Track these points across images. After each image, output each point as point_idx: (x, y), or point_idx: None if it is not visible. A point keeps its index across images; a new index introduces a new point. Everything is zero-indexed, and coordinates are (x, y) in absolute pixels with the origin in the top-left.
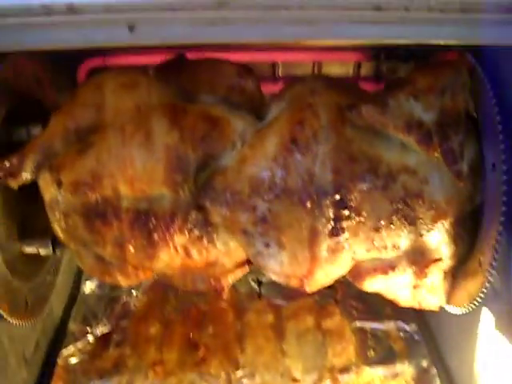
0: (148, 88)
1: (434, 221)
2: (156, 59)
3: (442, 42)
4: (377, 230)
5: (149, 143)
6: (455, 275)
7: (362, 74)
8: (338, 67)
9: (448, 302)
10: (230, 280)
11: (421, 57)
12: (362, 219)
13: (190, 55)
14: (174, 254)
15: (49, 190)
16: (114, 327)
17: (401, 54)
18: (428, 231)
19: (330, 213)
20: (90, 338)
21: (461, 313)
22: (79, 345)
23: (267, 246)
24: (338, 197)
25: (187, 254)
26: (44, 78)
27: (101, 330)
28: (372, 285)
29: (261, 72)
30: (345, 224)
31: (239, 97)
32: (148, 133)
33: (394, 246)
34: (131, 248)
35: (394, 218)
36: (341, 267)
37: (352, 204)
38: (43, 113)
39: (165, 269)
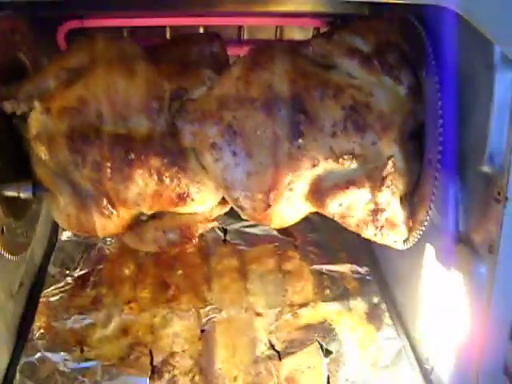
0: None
1: (383, 130)
2: (133, 22)
3: None
4: (332, 135)
5: (131, 74)
6: (411, 205)
7: None
8: (298, 32)
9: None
10: (200, 230)
11: None
12: (318, 125)
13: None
14: (148, 177)
15: (37, 120)
16: (91, 270)
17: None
18: (379, 139)
19: (289, 117)
20: (69, 279)
21: (404, 248)
22: (59, 285)
23: (234, 154)
24: (294, 102)
25: (160, 178)
26: (28, 35)
27: (78, 272)
28: (334, 204)
29: (228, 35)
30: (302, 127)
31: (209, 58)
32: (130, 67)
33: (350, 154)
34: (108, 170)
35: (347, 124)
36: (303, 178)
37: (307, 109)
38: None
39: (137, 199)
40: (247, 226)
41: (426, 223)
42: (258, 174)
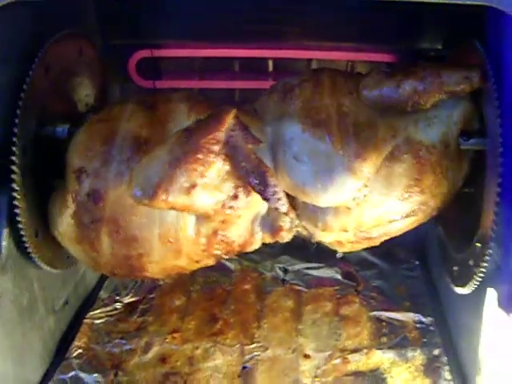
0: None
1: None
2: (201, 53)
3: None
4: None
5: None
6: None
7: None
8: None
9: None
10: None
11: None
12: None
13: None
14: None
15: None
16: (141, 298)
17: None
18: None
19: None
20: (118, 305)
21: (466, 292)
22: (106, 309)
23: None
24: None
25: None
26: (89, 51)
27: (128, 299)
28: None
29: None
30: None
31: None
32: None
33: None
34: None
35: None
36: None
37: None
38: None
39: None
40: (309, 268)
41: (486, 263)
42: None
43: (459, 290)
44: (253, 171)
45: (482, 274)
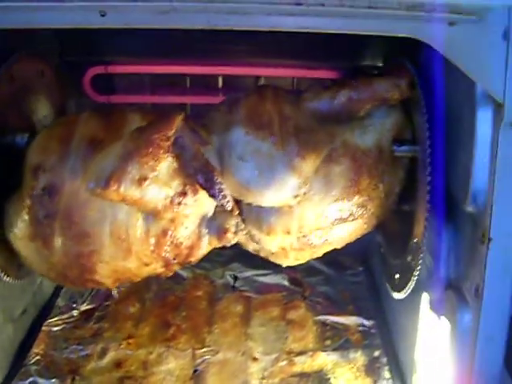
0: None
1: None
2: (153, 69)
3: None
4: None
5: None
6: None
7: None
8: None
9: None
10: None
11: None
12: None
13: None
14: None
15: None
16: (97, 306)
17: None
18: None
19: None
20: (74, 312)
21: (402, 297)
22: (63, 316)
23: None
24: None
25: None
26: (48, 72)
27: (85, 307)
28: None
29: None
30: None
31: None
32: None
33: None
34: None
35: None
36: None
37: None
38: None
39: None
40: (258, 275)
41: (419, 270)
42: None
43: (396, 295)
44: (200, 170)
45: (415, 280)
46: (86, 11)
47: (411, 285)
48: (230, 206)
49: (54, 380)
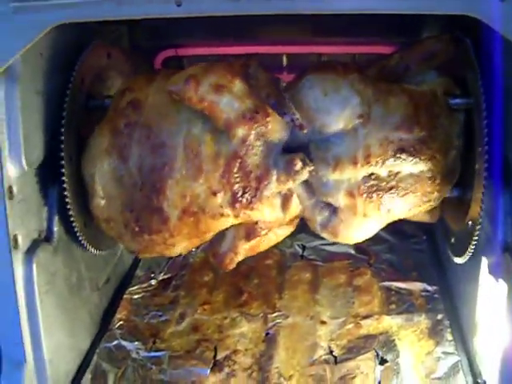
0: None
1: None
2: (220, 50)
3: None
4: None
5: None
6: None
7: None
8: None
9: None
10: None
11: None
12: None
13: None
14: None
15: None
16: (174, 275)
17: None
18: None
19: None
20: (153, 281)
21: (462, 261)
22: (143, 285)
23: None
24: None
25: None
26: (123, 61)
27: (162, 276)
28: None
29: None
30: None
31: None
32: None
33: None
34: None
35: None
36: None
37: None
38: None
39: None
40: (325, 244)
41: (478, 236)
42: None
43: (457, 260)
44: (272, 94)
45: (474, 245)
46: (163, 2)
47: (471, 249)
48: (298, 122)
49: (137, 343)
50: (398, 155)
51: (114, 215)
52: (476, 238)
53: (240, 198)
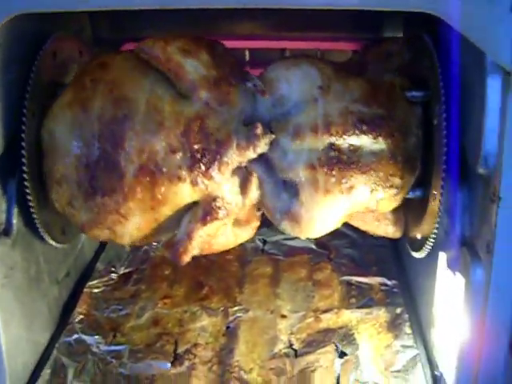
0: None
1: None
2: None
3: None
4: None
5: None
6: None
7: None
8: (337, 56)
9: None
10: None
11: None
12: None
13: None
14: None
15: None
16: (134, 269)
17: None
18: None
19: None
20: (113, 275)
21: (421, 256)
22: (103, 279)
23: None
24: None
25: None
26: (77, 46)
27: (123, 270)
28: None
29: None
30: None
31: None
32: None
33: None
34: None
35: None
36: None
37: None
38: None
39: None
40: (286, 239)
41: (436, 229)
42: None
43: (416, 255)
44: (235, 69)
45: (433, 240)
46: None
47: (429, 244)
48: (260, 88)
49: (97, 337)
50: (358, 126)
51: (68, 172)
52: (435, 233)
53: (199, 160)
